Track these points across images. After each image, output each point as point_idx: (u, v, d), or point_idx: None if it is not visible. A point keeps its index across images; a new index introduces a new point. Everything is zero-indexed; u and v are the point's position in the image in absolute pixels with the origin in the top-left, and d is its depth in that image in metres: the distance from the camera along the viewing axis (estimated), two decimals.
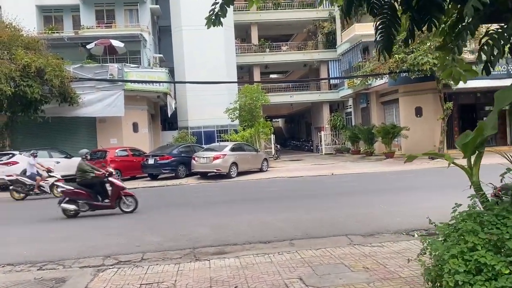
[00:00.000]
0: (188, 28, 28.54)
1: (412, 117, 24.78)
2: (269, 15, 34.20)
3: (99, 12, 27.81)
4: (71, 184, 10.77)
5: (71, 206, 10.42)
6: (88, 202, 10.52)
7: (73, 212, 10.51)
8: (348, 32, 29.00)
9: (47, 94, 19.19)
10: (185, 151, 20.20)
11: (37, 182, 14.82)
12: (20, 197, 14.94)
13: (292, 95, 34.05)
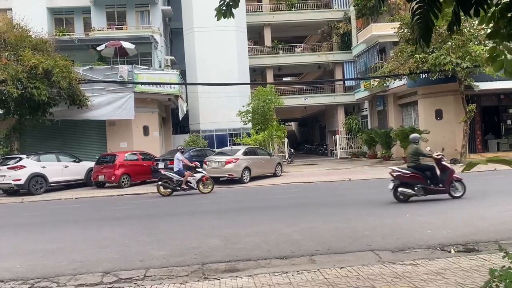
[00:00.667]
0: (200, 29, 28.02)
1: (432, 120, 23.81)
2: (282, 16, 33.52)
3: (110, 14, 27.42)
4: (407, 168, 10.97)
5: (407, 190, 10.60)
6: (424, 187, 10.63)
7: (405, 198, 10.70)
8: (364, 32, 28.15)
9: (55, 97, 18.73)
10: (197, 155, 19.56)
11: (185, 178, 14.76)
12: (167, 192, 14.90)
13: (306, 97, 33.26)
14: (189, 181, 14.85)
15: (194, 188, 14.87)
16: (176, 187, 14.82)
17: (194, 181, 14.91)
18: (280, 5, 33.95)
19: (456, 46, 18.13)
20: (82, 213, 12.74)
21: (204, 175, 15.11)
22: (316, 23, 33.93)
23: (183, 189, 14.81)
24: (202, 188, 15.00)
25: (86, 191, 17.94)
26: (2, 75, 16.19)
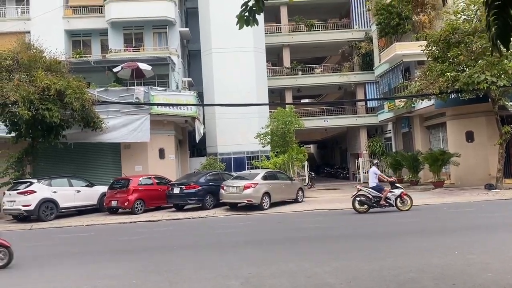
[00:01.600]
0: (218, 50, 27.50)
1: (462, 142, 22.46)
2: (301, 37, 32.86)
3: (128, 35, 27.10)
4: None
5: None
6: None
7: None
8: (387, 52, 27.17)
9: (69, 119, 18.10)
10: (213, 179, 18.58)
11: (384, 194, 14.13)
12: (363, 209, 14.27)
13: (326, 119, 32.20)
14: (388, 198, 14.16)
15: (393, 205, 14.16)
16: (373, 203, 14.17)
17: (394, 197, 14.19)
18: (299, 26, 33.34)
19: (490, 64, 16.97)
20: (91, 243, 11.80)
21: (402, 191, 14.42)
22: (336, 44, 33.16)
23: (381, 206, 14.15)
24: (401, 205, 14.25)
25: (98, 218, 17.07)
26: (13, 96, 15.63)
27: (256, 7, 6.07)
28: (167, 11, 26.07)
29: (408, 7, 25.30)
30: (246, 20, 6.17)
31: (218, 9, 27.55)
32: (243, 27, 6.34)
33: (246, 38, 27.44)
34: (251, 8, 6.09)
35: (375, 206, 14.20)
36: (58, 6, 26.85)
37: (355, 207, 14.33)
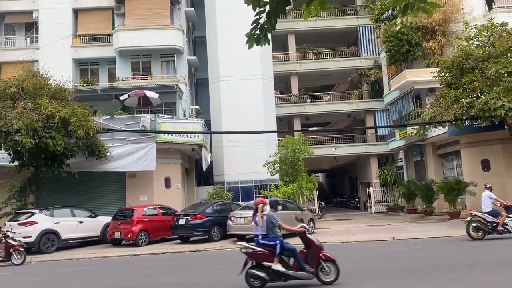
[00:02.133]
0: (226, 78, 27.34)
1: (477, 171, 21.66)
2: (309, 65, 32.67)
3: (135, 64, 27.02)
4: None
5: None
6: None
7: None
8: (397, 79, 26.77)
9: (73, 147, 17.70)
10: (221, 209, 17.90)
11: (502, 220, 13.35)
12: (479, 236, 13.49)
13: (336, 147, 31.58)
14: (506, 223, 13.34)
15: (511, 231, 13.33)
16: (490, 229, 13.37)
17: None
18: (307, 54, 33.23)
19: (507, 90, 16.42)
20: (89, 279, 11.10)
21: None
22: (344, 71, 32.93)
23: (498, 232, 13.32)
24: None
25: (100, 250, 16.39)
26: (16, 124, 15.29)
27: (268, 24, 5.61)
28: (175, 40, 26.02)
29: (418, 34, 25.04)
30: (257, 38, 5.70)
31: (226, 37, 27.54)
32: (253, 46, 5.89)
33: (254, 66, 27.33)
34: (262, 25, 5.64)
35: (492, 232, 13.36)
36: (67, 35, 26.97)
37: (470, 233, 13.51)
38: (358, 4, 33.52)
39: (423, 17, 25.10)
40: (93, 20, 27.53)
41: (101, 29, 27.35)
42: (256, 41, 5.72)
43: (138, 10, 26.05)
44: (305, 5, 6.02)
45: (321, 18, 32.80)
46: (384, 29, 26.71)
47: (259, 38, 5.69)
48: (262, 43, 5.83)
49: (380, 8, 27.31)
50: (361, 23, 32.87)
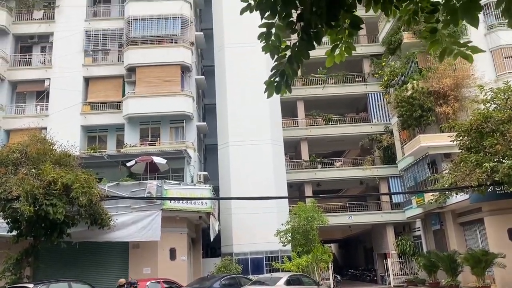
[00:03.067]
0: (235, 143, 26.91)
1: (505, 241, 20.19)
2: (319, 131, 32.33)
3: (144, 130, 26.77)
4: None
5: None
6: None
7: None
8: (411, 144, 26.09)
9: (75, 215, 16.75)
10: (229, 284, 16.59)
11: None
12: None
13: (350, 215, 30.26)
14: None
15: None
16: None
17: None
18: (316, 120, 33.01)
19: None
20: None
21: None
22: (355, 137, 32.46)
23: None
24: None
25: None
26: (16, 190, 14.52)
27: (290, 70, 4.98)
28: (185, 106, 25.94)
29: (430, 99, 24.73)
30: (277, 86, 5.04)
31: (235, 104, 27.58)
32: (273, 95, 5.24)
33: (264, 131, 27.03)
34: (283, 71, 5.00)
35: None
36: (77, 102, 27.02)
37: None
38: (366, 71, 33.79)
39: (434, 82, 25.02)
40: (103, 88, 27.73)
41: (111, 96, 27.46)
42: (276, 89, 5.06)
43: (148, 78, 26.26)
44: (329, 51, 5.43)
45: (329, 85, 33.08)
46: (395, 94, 26.52)
47: (279, 85, 5.03)
48: (282, 91, 5.17)
49: (389, 74, 27.35)
50: (369, 90, 32.94)
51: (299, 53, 4.91)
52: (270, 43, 5.20)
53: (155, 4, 27.37)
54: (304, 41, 4.85)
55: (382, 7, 5.23)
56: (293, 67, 4.89)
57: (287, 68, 4.94)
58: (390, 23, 29.14)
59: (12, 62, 27.98)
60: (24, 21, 28.54)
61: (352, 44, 5.16)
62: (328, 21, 4.84)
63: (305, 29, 4.80)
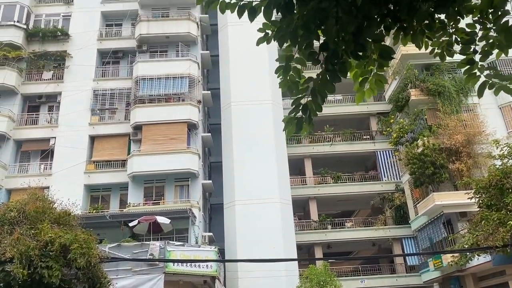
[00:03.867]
0: (242, 202, 26.08)
1: None
2: (328, 189, 31.47)
3: (148, 189, 26.06)
4: None
5: None
6: None
7: None
8: (425, 203, 25.12)
9: (72, 279, 15.60)
10: None
11: None
12: None
13: (363, 279, 28.57)
14: None
15: None
16: None
17: None
18: (325, 178, 32.25)
19: None
20: None
21: None
22: (365, 196, 31.51)
23: None
24: None
25: None
26: (10, 251, 13.56)
27: (313, 104, 4.41)
28: (191, 164, 25.41)
29: (442, 155, 24.11)
30: (298, 123, 4.44)
31: (242, 161, 27.07)
32: (293, 133, 4.64)
33: (272, 189, 26.34)
34: (305, 106, 4.43)
35: None
36: (81, 161, 26.59)
37: None
38: (373, 129, 33.49)
39: (445, 139, 24.52)
40: (109, 147, 27.42)
41: (117, 155, 27.05)
42: (297, 127, 4.44)
43: (155, 135, 25.99)
44: (357, 86, 4.89)
45: (337, 142, 32.69)
46: (406, 151, 25.94)
47: (300, 122, 4.43)
48: (304, 130, 4.56)
49: (398, 131, 26.97)
50: (378, 148, 32.45)
51: (323, 86, 4.37)
52: (288, 79, 4.70)
53: (163, 64, 27.77)
54: (329, 72, 4.32)
55: (412, 39, 4.75)
56: (316, 100, 4.33)
57: (310, 102, 4.38)
58: (396, 80, 29.27)
59: (18, 121, 27.93)
60: (33, 81, 28.85)
61: (383, 77, 4.64)
62: (355, 51, 4.34)
63: (331, 59, 4.30)
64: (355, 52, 4.32)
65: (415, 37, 4.70)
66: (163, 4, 30.23)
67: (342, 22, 4.14)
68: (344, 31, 4.19)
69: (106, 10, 30.53)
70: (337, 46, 4.30)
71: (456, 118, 24.80)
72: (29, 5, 29.76)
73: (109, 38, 29.94)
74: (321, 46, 4.32)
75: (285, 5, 4.30)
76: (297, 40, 4.38)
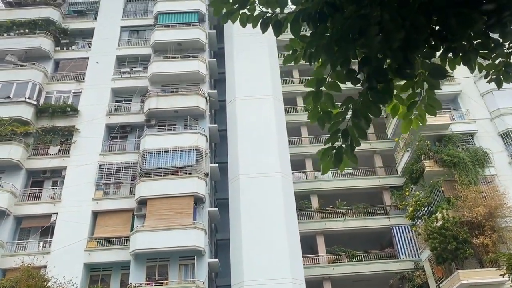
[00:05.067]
0: (251, 284, 24.21)
1: None
2: (343, 269, 29.35)
3: (151, 268, 24.40)
4: None
5: None
6: None
7: None
8: (450, 282, 23.14)
9: None
10: None
11: None
12: None
13: None
14: None
15: None
16: None
17: None
18: (339, 257, 30.36)
19: None
20: None
21: None
22: (383, 276, 29.31)
23: None
24: None
25: None
26: None
27: (355, 130, 3.59)
28: (197, 240, 24.02)
29: (464, 229, 22.67)
30: (337, 154, 3.59)
31: (251, 239, 25.55)
32: (328, 171, 3.79)
33: (283, 269, 24.63)
34: (345, 132, 3.59)
35: None
36: (82, 238, 25.30)
37: None
38: (387, 203, 32.18)
39: (466, 212, 23.25)
40: (112, 223, 26.24)
41: (119, 231, 25.78)
42: (336, 160, 3.59)
43: (160, 210, 24.95)
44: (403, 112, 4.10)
45: (350, 218, 31.26)
46: (425, 225, 24.50)
47: (339, 154, 3.58)
48: (345, 164, 3.70)
49: (415, 204, 25.75)
50: (393, 223, 30.87)
51: (365, 108, 3.58)
52: (319, 108, 3.94)
53: (171, 137, 27.50)
54: (373, 91, 3.56)
55: (463, 60, 4.03)
56: (360, 124, 3.51)
57: (351, 128, 3.57)
58: (408, 152, 28.63)
59: (21, 196, 27.09)
60: (39, 156, 28.46)
61: (437, 101, 3.86)
62: (402, 68, 3.61)
63: (374, 76, 3.55)
64: (402, 69, 3.59)
65: (467, 58, 3.98)
66: (172, 80, 30.71)
67: (387, 30, 3.44)
68: (389, 41, 3.48)
69: (116, 86, 31.02)
70: (381, 61, 3.58)
71: (475, 189, 23.71)
72: (41, 82, 30.32)
73: (118, 113, 30.05)
74: (361, 61, 3.60)
75: (316, 16, 3.65)
76: (332, 55, 3.67)
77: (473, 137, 27.59)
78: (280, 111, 30.96)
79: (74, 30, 34.06)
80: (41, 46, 31.56)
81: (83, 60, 32.28)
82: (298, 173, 33.37)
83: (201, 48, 31.96)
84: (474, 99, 28.81)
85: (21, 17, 33.03)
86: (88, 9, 35.53)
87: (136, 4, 36.14)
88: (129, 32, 34.45)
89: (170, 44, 31.64)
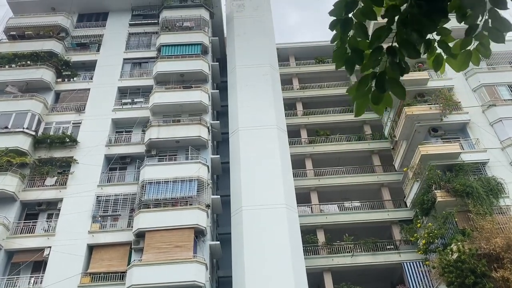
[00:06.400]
0: None
1: None
2: None
3: None
4: None
5: None
6: None
7: None
8: None
9: None
10: None
11: None
12: None
13: None
14: None
15: None
16: None
17: None
18: None
19: None
20: None
21: None
22: None
23: None
24: None
25: None
26: None
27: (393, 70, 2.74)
28: (197, 275, 22.54)
29: (482, 261, 21.26)
30: (379, 85, 2.73)
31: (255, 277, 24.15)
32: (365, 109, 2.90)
33: None
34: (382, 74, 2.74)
35: None
36: (76, 273, 23.87)
37: None
38: (396, 238, 30.71)
39: (482, 243, 21.90)
40: (108, 257, 24.87)
41: (116, 266, 24.38)
42: (375, 94, 2.76)
43: (158, 243, 23.65)
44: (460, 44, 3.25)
45: (358, 253, 29.76)
46: (439, 258, 23.06)
47: (381, 82, 2.73)
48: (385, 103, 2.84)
49: (427, 236, 24.39)
50: (404, 259, 29.27)
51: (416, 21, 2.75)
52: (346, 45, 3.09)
53: (172, 167, 26.61)
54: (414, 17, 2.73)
55: None
56: (410, 38, 2.66)
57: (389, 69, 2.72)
58: (417, 183, 27.53)
59: (13, 230, 25.86)
60: (35, 187, 27.40)
61: (506, 21, 3.00)
62: None
63: None
64: None
65: None
66: (174, 111, 30.21)
67: None
68: None
69: (117, 117, 30.45)
70: None
71: (491, 219, 22.48)
72: (41, 113, 29.79)
73: (117, 144, 29.29)
74: None
75: None
76: None
77: (485, 166, 26.58)
78: (284, 142, 30.13)
79: (76, 62, 33.92)
80: (42, 78, 31.29)
81: (84, 92, 31.93)
82: (303, 207, 32.14)
83: (203, 79, 31.64)
84: (484, 128, 28.03)
85: (23, 49, 33.00)
86: (91, 42, 35.57)
87: (139, 37, 36.23)
88: (131, 64, 34.31)
89: (172, 75, 31.35)
